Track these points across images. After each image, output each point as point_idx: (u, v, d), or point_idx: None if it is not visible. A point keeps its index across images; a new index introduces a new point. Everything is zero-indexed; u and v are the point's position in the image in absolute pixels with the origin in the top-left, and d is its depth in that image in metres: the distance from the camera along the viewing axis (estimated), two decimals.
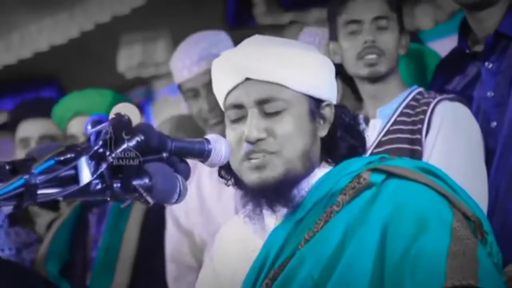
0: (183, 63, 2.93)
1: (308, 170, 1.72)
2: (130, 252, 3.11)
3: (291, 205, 1.71)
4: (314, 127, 1.74)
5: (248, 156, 1.70)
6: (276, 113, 1.70)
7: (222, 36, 3.02)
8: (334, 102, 1.79)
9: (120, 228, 3.14)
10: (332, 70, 1.81)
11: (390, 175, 1.66)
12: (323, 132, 1.76)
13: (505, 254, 1.69)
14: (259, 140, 1.69)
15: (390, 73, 2.47)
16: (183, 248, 3.07)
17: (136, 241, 3.12)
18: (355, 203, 1.64)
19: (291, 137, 1.70)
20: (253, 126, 1.69)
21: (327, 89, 1.78)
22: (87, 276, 3.17)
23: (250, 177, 1.70)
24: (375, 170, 1.67)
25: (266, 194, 1.69)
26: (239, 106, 1.73)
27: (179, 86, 2.97)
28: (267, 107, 1.71)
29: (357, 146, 1.78)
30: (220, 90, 1.78)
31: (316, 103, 1.74)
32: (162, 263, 3.13)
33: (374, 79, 2.46)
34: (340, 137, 1.76)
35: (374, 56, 2.43)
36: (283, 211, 1.72)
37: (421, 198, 1.61)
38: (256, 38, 1.79)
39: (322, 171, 1.75)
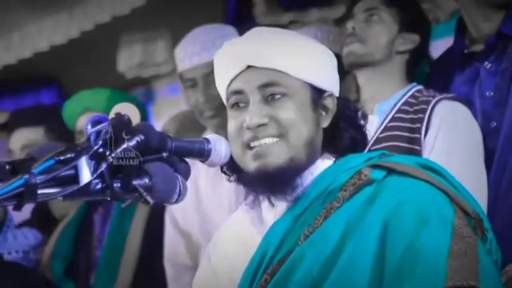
0: (185, 52, 2.92)
1: (311, 160, 1.72)
2: (133, 252, 3.11)
3: (291, 198, 1.70)
4: (317, 117, 1.73)
5: (249, 144, 1.69)
6: (278, 99, 1.70)
7: (228, 30, 3.01)
8: (336, 94, 1.79)
9: (124, 228, 3.14)
10: (334, 62, 1.81)
11: (391, 171, 1.66)
12: (325, 123, 1.75)
13: (505, 254, 1.69)
14: (260, 125, 1.68)
15: (378, 63, 2.48)
16: (180, 248, 3.07)
17: (140, 242, 3.12)
18: (355, 199, 1.64)
19: (295, 123, 1.69)
20: (255, 112, 1.69)
21: (329, 79, 1.78)
22: (91, 276, 3.17)
23: (252, 165, 1.69)
24: (375, 166, 1.67)
25: (267, 183, 1.68)
26: (240, 92, 1.73)
27: (180, 75, 2.97)
28: (268, 92, 1.70)
29: (358, 139, 1.77)
30: (222, 81, 1.78)
31: (317, 93, 1.74)
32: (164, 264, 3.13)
33: (357, 65, 2.49)
34: (343, 128, 1.75)
35: (352, 40, 2.50)
36: (282, 206, 1.72)
37: (422, 195, 1.61)
38: (258, 29, 1.81)
39: (325, 162, 1.74)
